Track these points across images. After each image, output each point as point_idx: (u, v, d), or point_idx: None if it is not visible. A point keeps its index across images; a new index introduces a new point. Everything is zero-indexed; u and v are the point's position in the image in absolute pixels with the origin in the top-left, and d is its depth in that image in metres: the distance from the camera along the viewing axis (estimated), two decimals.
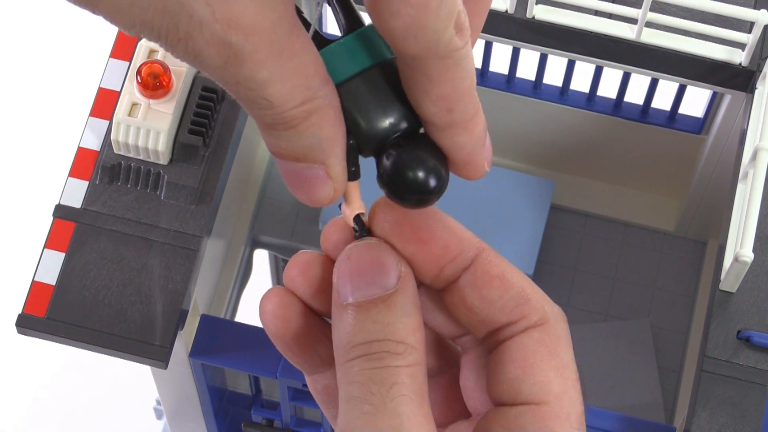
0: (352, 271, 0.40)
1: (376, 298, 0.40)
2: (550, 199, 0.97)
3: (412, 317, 0.40)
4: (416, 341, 0.40)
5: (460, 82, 0.38)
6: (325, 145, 0.39)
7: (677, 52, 0.79)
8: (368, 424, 0.38)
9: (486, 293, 0.41)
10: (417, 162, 0.39)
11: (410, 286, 0.40)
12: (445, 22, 0.37)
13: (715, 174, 0.91)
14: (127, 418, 1.31)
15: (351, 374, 0.39)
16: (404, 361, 0.39)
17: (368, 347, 0.39)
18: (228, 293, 0.94)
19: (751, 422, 0.68)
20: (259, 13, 0.36)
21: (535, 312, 0.41)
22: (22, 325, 0.71)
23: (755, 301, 0.71)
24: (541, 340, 0.40)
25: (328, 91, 0.38)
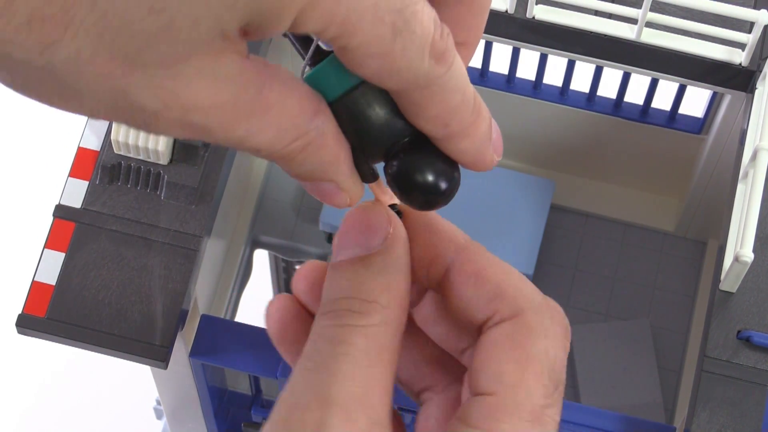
0: (342, 232, 0.40)
1: (355, 258, 0.40)
2: (550, 199, 0.97)
3: (390, 277, 0.39)
4: (388, 300, 0.39)
5: (449, 101, 0.38)
6: (327, 168, 0.39)
7: (677, 52, 0.79)
8: (304, 380, 0.38)
9: (462, 292, 0.41)
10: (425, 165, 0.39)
11: (396, 248, 0.40)
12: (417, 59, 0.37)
13: (715, 174, 0.91)
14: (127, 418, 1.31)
15: (314, 331, 0.39)
16: (364, 320, 0.39)
17: (334, 304, 0.39)
18: (228, 293, 0.94)
19: (751, 422, 0.68)
20: (215, 91, 0.35)
21: (507, 306, 0.40)
22: (22, 325, 0.71)
23: (755, 301, 0.71)
24: (507, 333, 0.40)
25: (320, 121, 0.38)
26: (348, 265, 0.40)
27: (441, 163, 0.39)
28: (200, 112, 0.35)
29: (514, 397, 0.39)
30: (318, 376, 0.38)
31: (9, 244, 1.40)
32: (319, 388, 0.37)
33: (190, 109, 0.35)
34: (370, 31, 0.35)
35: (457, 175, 0.40)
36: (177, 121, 0.36)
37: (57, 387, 1.34)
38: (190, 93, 0.35)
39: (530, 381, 0.39)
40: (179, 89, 0.35)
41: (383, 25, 0.35)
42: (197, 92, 0.35)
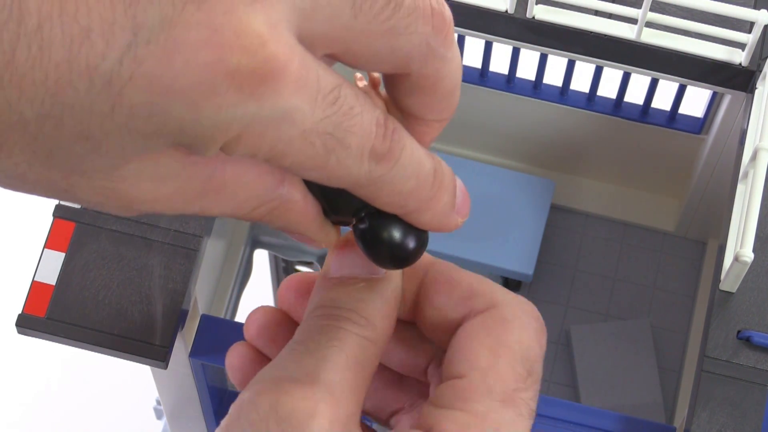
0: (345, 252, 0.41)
1: (357, 277, 0.40)
2: (550, 199, 0.97)
3: (387, 305, 0.41)
4: (383, 325, 0.40)
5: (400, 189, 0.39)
6: (295, 227, 0.40)
7: (677, 52, 0.79)
8: (293, 359, 0.39)
9: (436, 300, 0.42)
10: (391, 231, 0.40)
11: (395, 280, 0.41)
12: (355, 167, 0.37)
13: (715, 174, 0.91)
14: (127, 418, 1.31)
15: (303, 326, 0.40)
16: (360, 330, 0.40)
17: (333, 310, 0.40)
18: (228, 293, 0.94)
19: (751, 422, 0.68)
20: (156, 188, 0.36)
21: (482, 301, 0.41)
22: (22, 325, 0.71)
23: (755, 301, 0.71)
24: (482, 323, 0.41)
25: (285, 189, 0.38)
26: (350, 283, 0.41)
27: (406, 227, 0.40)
28: (145, 204, 0.36)
29: (485, 380, 0.40)
30: (310, 359, 0.39)
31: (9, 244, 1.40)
32: (310, 369, 0.38)
33: (134, 202, 0.36)
34: (301, 154, 0.36)
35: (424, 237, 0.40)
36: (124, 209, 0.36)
37: (57, 387, 1.34)
38: (130, 192, 0.36)
39: (502, 366, 0.40)
40: (119, 189, 0.35)
41: (313, 147, 0.36)
42: (137, 190, 0.36)
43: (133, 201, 0.36)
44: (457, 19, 0.81)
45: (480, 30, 0.81)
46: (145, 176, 0.35)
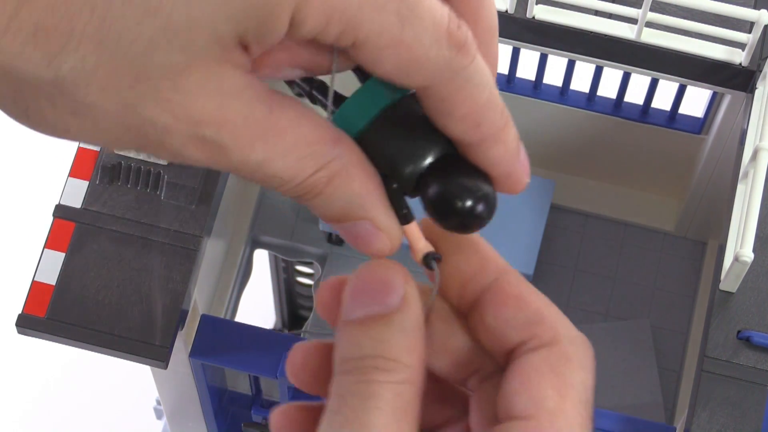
0: (357, 289, 0.40)
1: (375, 316, 0.39)
2: (550, 199, 0.97)
3: (411, 337, 0.39)
4: (411, 360, 0.39)
5: (478, 97, 0.38)
6: (360, 201, 0.38)
7: (677, 52, 0.79)
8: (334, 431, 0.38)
9: (501, 312, 0.40)
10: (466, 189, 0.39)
11: (413, 307, 0.40)
12: (435, 48, 0.36)
13: (715, 174, 0.91)
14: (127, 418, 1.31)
15: (336, 388, 0.39)
16: (391, 377, 0.38)
17: (358, 362, 0.39)
18: (228, 293, 0.94)
19: (751, 422, 0.68)
20: (221, 104, 0.35)
21: (546, 332, 0.40)
22: (22, 325, 0.71)
23: (755, 301, 0.71)
24: (546, 358, 0.40)
25: (343, 149, 0.38)
26: (368, 323, 0.39)
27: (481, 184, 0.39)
28: (211, 125, 0.35)
29: (553, 423, 0.39)
30: (350, 428, 0.38)
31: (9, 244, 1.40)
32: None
33: (200, 122, 0.35)
34: (375, 20, 0.35)
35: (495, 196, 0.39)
36: (189, 136, 0.35)
37: (57, 387, 1.34)
38: (197, 106, 0.35)
39: (569, 409, 0.39)
40: (185, 101, 0.35)
41: (387, 12, 0.35)
42: (203, 105, 0.35)
43: (198, 120, 0.35)
44: None
45: None
46: (210, 89, 0.35)
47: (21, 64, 0.33)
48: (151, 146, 0.36)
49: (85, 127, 0.35)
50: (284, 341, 0.75)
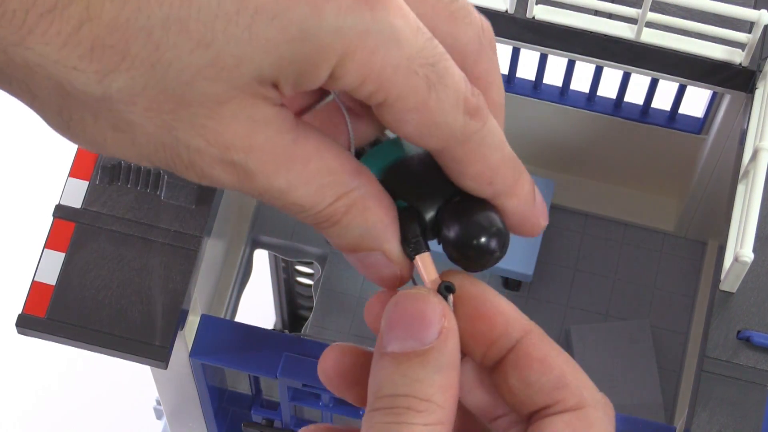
0: (394, 320, 0.40)
1: (410, 352, 0.39)
2: (550, 199, 0.97)
3: (445, 375, 0.39)
4: (444, 400, 0.39)
5: (490, 158, 0.39)
6: (375, 233, 0.40)
7: (677, 52, 0.79)
8: None
9: (526, 375, 0.41)
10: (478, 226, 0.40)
11: (450, 344, 0.40)
12: (452, 113, 0.38)
13: (715, 174, 0.91)
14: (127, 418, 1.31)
15: (369, 425, 0.39)
16: (423, 419, 0.39)
17: (391, 401, 0.39)
18: (228, 293, 0.94)
19: (751, 422, 0.68)
20: (251, 132, 0.37)
21: (571, 396, 0.40)
22: (22, 325, 0.71)
23: (755, 301, 0.71)
24: (570, 423, 0.40)
25: (363, 181, 0.39)
26: (403, 360, 0.39)
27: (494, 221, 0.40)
28: (239, 151, 0.37)
29: None
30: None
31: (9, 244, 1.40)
32: None
33: (230, 148, 0.37)
34: (406, 83, 0.37)
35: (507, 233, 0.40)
36: (219, 160, 0.37)
37: (57, 387, 1.34)
38: (228, 132, 0.37)
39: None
40: (219, 128, 0.37)
41: (417, 77, 0.37)
42: (234, 132, 0.37)
43: (229, 145, 0.37)
44: None
45: None
46: (242, 118, 0.37)
47: (74, 77, 0.35)
48: (181, 166, 0.38)
49: (121, 142, 0.37)
50: (284, 341, 0.75)
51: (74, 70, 0.35)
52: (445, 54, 0.38)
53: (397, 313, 0.40)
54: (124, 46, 0.35)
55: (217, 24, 0.35)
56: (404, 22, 0.37)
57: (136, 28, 0.34)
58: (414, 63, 0.37)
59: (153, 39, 0.35)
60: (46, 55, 0.34)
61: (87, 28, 0.34)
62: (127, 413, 1.31)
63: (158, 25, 0.34)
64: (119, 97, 0.36)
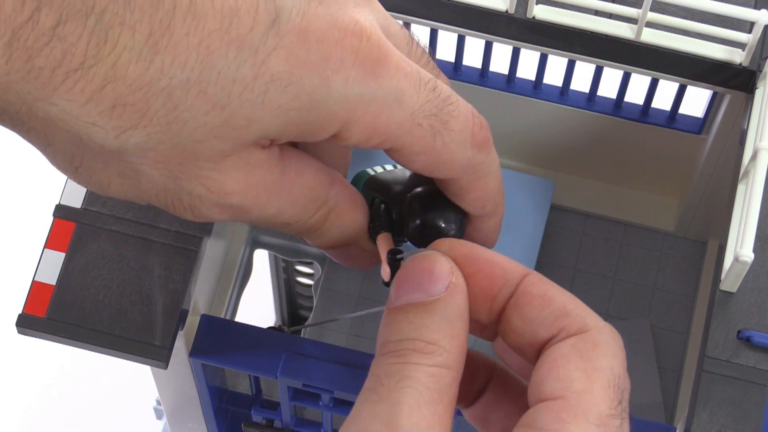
0: (403, 278, 0.42)
1: (418, 303, 0.40)
2: (550, 199, 0.97)
3: (453, 325, 0.40)
4: (451, 346, 0.40)
5: (489, 186, 0.43)
6: (351, 232, 0.43)
7: (677, 52, 0.79)
8: (369, 411, 0.39)
9: (527, 312, 0.42)
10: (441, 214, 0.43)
11: (458, 297, 0.41)
12: (460, 151, 0.41)
13: (715, 174, 0.91)
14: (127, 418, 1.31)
15: (373, 369, 0.40)
16: (428, 360, 0.39)
17: (398, 344, 0.40)
18: (228, 293, 0.94)
19: (751, 422, 0.68)
20: (246, 176, 0.40)
21: (574, 323, 0.41)
22: (22, 325, 0.71)
23: (755, 301, 0.71)
24: (574, 345, 0.41)
25: (337, 189, 0.42)
26: (410, 309, 0.41)
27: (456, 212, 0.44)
28: (236, 194, 0.40)
29: (581, 402, 0.40)
30: (383, 406, 0.39)
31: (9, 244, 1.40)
32: (386, 417, 0.39)
33: (229, 193, 0.40)
34: (411, 135, 0.40)
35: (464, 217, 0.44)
36: (217, 204, 0.40)
37: (57, 387, 1.34)
38: (228, 180, 0.40)
39: (596, 390, 0.40)
40: (220, 178, 0.39)
41: (421, 128, 0.40)
42: (233, 179, 0.40)
43: (228, 191, 0.40)
44: (457, 19, 0.81)
45: (480, 30, 0.81)
46: (240, 165, 0.39)
47: (93, 132, 0.36)
48: (180, 208, 0.41)
49: (125, 187, 0.40)
50: (284, 341, 0.75)
51: (94, 125, 0.36)
52: (450, 97, 0.41)
53: (405, 271, 0.41)
54: (144, 105, 0.36)
55: (234, 88, 0.36)
56: (407, 83, 0.39)
57: (158, 89, 0.36)
58: (417, 117, 0.40)
59: (172, 99, 0.36)
60: (68, 110, 0.36)
61: (110, 87, 0.35)
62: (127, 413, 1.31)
63: (179, 86, 0.36)
64: (133, 151, 0.37)
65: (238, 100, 0.37)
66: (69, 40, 0.34)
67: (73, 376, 1.34)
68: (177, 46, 0.35)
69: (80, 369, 1.34)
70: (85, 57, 0.34)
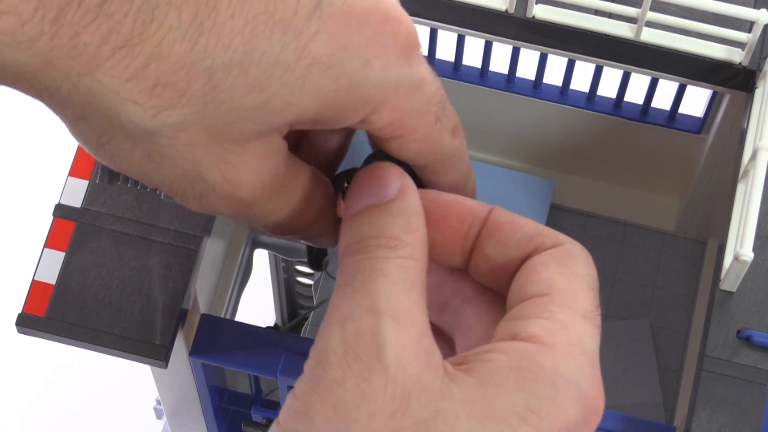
0: (355, 188, 0.43)
1: (373, 206, 0.42)
2: (550, 199, 0.97)
3: (411, 220, 0.42)
4: (412, 239, 0.41)
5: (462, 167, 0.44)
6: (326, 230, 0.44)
7: (677, 51, 0.79)
8: (348, 299, 0.40)
9: (500, 238, 0.43)
10: None
11: (411, 195, 0.42)
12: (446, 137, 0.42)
13: (715, 174, 0.91)
14: (127, 418, 1.31)
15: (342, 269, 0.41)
16: (394, 253, 0.41)
17: (361, 243, 0.41)
18: (228, 293, 0.94)
19: (751, 422, 0.68)
20: (260, 167, 0.40)
21: (548, 239, 0.43)
22: (22, 324, 0.71)
23: (755, 300, 0.71)
24: (552, 254, 0.43)
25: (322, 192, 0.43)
26: (367, 213, 0.42)
27: None
28: (247, 187, 0.40)
29: (565, 297, 0.42)
30: (361, 296, 0.40)
31: (9, 244, 1.40)
32: (367, 302, 0.39)
33: (240, 185, 0.40)
34: (420, 121, 0.41)
35: None
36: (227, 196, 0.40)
37: (57, 387, 1.34)
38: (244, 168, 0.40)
39: (578, 289, 0.42)
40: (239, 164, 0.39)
41: (430, 114, 0.41)
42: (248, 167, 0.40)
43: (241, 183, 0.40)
44: (457, 19, 0.81)
45: (480, 30, 0.81)
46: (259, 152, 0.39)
47: (131, 109, 0.36)
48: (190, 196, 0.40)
49: (145, 169, 0.39)
50: (284, 341, 0.75)
51: (133, 103, 0.36)
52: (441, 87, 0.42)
53: (358, 182, 0.43)
54: (185, 85, 0.36)
55: (275, 71, 0.36)
56: (426, 69, 0.40)
57: (200, 69, 0.36)
58: (430, 104, 0.41)
59: (213, 80, 0.36)
60: (110, 86, 0.35)
61: (154, 66, 0.35)
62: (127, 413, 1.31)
63: (220, 67, 0.36)
64: (166, 132, 0.37)
65: (278, 82, 0.37)
66: (115, 18, 0.34)
67: (73, 376, 1.34)
68: (222, 28, 0.35)
69: (80, 369, 1.34)
70: (131, 35, 0.34)
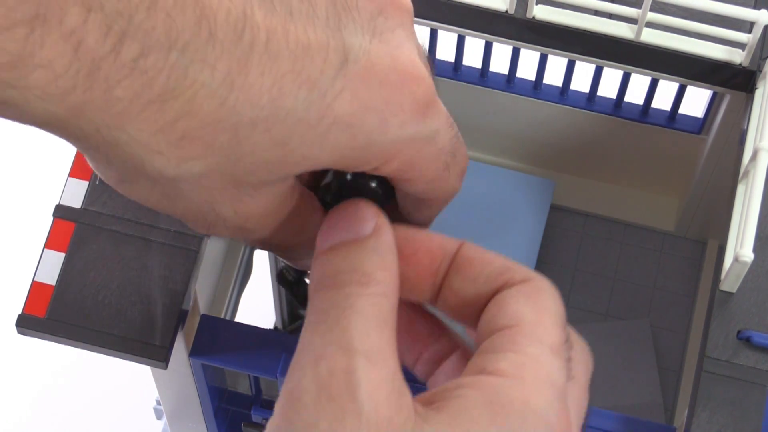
0: (329, 224, 0.43)
1: (348, 241, 0.42)
2: (550, 199, 0.97)
3: (384, 258, 0.42)
4: (385, 277, 0.41)
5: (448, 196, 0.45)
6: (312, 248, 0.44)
7: (677, 52, 0.79)
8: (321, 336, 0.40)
9: (469, 273, 0.43)
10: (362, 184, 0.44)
11: (385, 234, 0.42)
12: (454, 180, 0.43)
13: (715, 174, 0.91)
14: (127, 418, 1.31)
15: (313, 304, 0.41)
16: (366, 290, 0.41)
17: (335, 278, 0.41)
18: (228, 293, 0.94)
19: (751, 422, 0.68)
20: (268, 202, 0.40)
21: (517, 275, 0.44)
22: (22, 325, 0.71)
23: (755, 301, 0.71)
24: (520, 289, 0.43)
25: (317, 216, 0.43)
26: (342, 248, 0.42)
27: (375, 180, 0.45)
28: (254, 220, 0.41)
29: (534, 330, 0.42)
30: (334, 333, 0.40)
31: (9, 244, 1.40)
32: (340, 340, 0.39)
33: (249, 218, 0.41)
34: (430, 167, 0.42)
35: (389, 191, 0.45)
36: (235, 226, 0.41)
37: (57, 387, 1.34)
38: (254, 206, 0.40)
39: (547, 323, 0.42)
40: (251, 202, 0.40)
41: (440, 162, 0.42)
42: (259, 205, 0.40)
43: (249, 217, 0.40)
44: (457, 20, 0.81)
45: (480, 30, 0.81)
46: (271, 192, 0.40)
47: (156, 159, 0.36)
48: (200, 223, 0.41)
49: (162, 203, 0.40)
50: (284, 341, 0.75)
51: (159, 154, 0.36)
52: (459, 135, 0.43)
53: (333, 217, 0.43)
54: (211, 138, 0.36)
55: (298, 128, 0.37)
56: (441, 122, 0.41)
57: (228, 125, 0.36)
58: (442, 153, 0.41)
59: (238, 135, 0.36)
60: (137, 138, 0.36)
61: (183, 121, 0.35)
62: (127, 413, 1.31)
63: (247, 123, 0.36)
64: (187, 179, 0.37)
65: (299, 139, 0.37)
66: (150, 74, 0.34)
67: (72, 376, 1.34)
68: (252, 87, 0.35)
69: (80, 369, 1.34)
70: (163, 91, 0.34)
